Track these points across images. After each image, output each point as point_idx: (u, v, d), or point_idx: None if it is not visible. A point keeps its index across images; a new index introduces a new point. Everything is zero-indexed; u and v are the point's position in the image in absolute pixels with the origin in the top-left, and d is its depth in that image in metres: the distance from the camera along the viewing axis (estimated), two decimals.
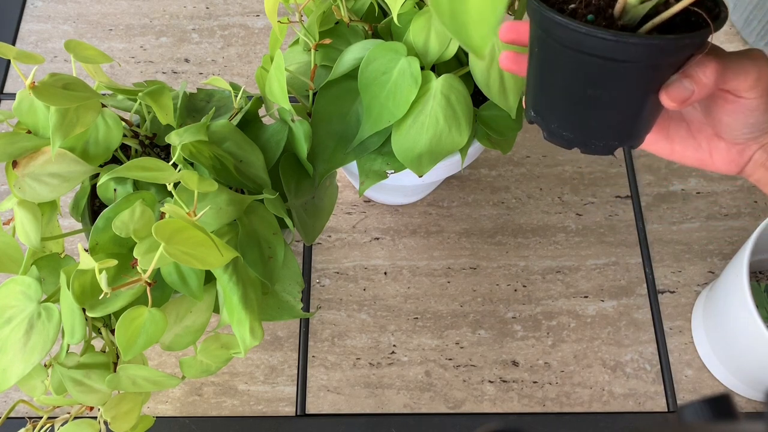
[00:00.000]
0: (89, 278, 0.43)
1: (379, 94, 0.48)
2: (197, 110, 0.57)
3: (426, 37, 0.48)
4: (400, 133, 0.49)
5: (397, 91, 0.48)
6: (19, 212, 0.45)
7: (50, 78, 0.44)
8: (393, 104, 0.48)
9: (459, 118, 0.48)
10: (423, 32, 0.48)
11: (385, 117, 0.48)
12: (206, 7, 0.87)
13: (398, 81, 0.48)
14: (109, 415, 0.48)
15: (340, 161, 0.51)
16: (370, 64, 0.48)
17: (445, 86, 0.48)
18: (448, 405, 0.65)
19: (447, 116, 0.48)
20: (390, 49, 0.48)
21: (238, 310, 0.46)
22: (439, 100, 0.48)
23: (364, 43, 0.50)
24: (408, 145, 0.49)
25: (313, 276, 0.71)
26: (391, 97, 0.48)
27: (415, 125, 0.48)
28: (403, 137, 0.49)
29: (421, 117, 0.48)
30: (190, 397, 0.65)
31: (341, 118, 0.51)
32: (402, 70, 0.48)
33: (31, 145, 0.45)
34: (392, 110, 0.48)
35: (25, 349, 0.43)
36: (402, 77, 0.48)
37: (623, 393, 0.65)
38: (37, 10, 0.86)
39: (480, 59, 0.39)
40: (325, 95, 0.51)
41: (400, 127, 0.48)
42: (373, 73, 0.48)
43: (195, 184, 0.44)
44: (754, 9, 0.79)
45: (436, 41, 0.48)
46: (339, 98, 0.51)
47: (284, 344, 0.68)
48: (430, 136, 0.48)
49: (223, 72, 0.82)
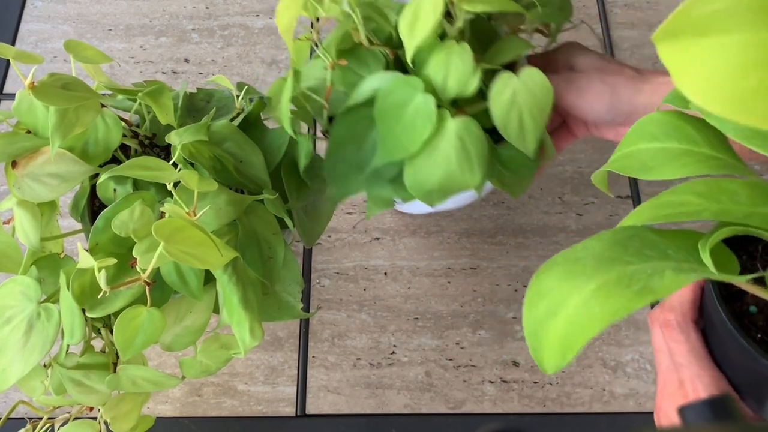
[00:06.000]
0: (89, 278, 0.43)
1: (394, 126, 0.47)
2: (197, 110, 0.57)
3: (445, 74, 0.47)
4: (412, 166, 0.48)
5: (412, 126, 0.47)
6: (18, 212, 0.45)
7: (50, 78, 0.44)
8: (407, 139, 0.47)
9: (472, 160, 0.47)
10: (442, 69, 0.47)
11: (399, 150, 0.47)
12: (206, 7, 0.87)
13: (413, 117, 0.47)
14: (109, 416, 0.48)
15: (355, 188, 0.50)
16: (387, 96, 0.47)
17: (460, 128, 0.46)
18: (448, 405, 0.65)
19: (460, 158, 0.47)
20: (407, 84, 0.47)
21: (237, 310, 0.46)
22: (453, 141, 0.46)
23: (382, 74, 0.49)
24: (419, 180, 0.48)
25: (313, 276, 0.71)
26: (406, 132, 0.47)
27: (427, 162, 0.47)
28: (414, 171, 0.48)
29: (434, 155, 0.47)
30: (190, 398, 0.65)
31: (358, 144, 0.50)
32: (418, 106, 0.47)
33: (31, 145, 0.45)
34: (406, 145, 0.47)
35: (24, 349, 0.43)
36: (417, 114, 0.47)
37: (624, 393, 0.65)
38: (36, 11, 0.86)
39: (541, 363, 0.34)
40: (342, 121, 0.50)
41: (413, 161, 0.48)
42: (390, 105, 0.47)
43: (195, 184, 0.44)
44: None
45: (456, 80, 0.47)
46: (356, 125, 0.50)
47: (284, 344, 0.68)
48: (441, 174, 0.47)
49: (223, 72, 0.82)
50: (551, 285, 0.30)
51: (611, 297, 0.28)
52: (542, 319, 0.30)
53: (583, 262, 0.30)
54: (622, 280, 0.29)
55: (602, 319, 0.27)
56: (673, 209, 0.32)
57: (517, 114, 0.47)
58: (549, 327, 0.29)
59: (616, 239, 0.31)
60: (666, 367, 0.41)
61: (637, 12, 0.86)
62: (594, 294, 0.28)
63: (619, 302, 0.28)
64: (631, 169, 0.38)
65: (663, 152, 0.37)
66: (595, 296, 0.28)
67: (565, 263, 0.31)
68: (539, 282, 0.31)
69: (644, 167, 0.37)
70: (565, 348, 0.28)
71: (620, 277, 0.29)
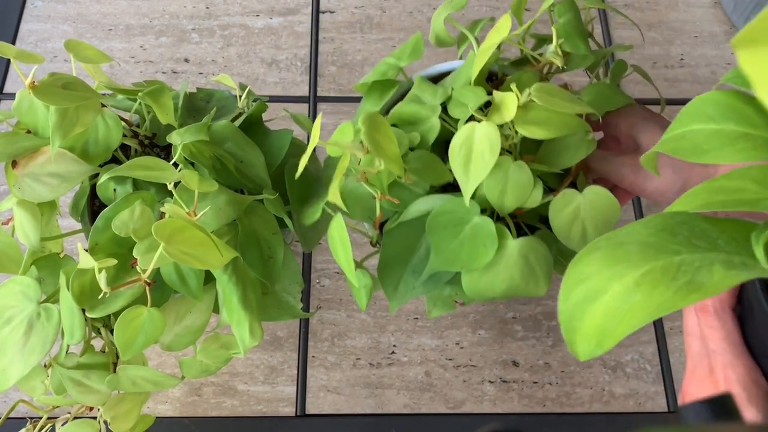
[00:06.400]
0: (89, 278, 0.43)
1: (449, 241, 0.45)
2: (197, 110, 0.57)
3: (501, 191, 0.45)
4: (471, 277, 0.46)
5: (470, 246, 0.45)
6: (18, 212, 0.45)
7: (50, 78, 0.44)
8: (466, 256, 0.45)
9: (537, 275, 0.46)
10: (498, 187, 0.45)
11: (456, 264, 0.45)
12: (206, 7, 0.87)
13: (472, 238, 0.45)
14: (109, 415, 0.48)
15: (413, 293, 0.48)
16: (439, 216, 0.45)
17: (524, 247, 0.45)
18: (448, 405, 0.65)
19: (524, 274, 0.45)
20: (461, 205, 0.45)
21: (237, 310, 0.46)
22: (516, 260, 0.45)
23: (432, 197, 0.46)
24: (480, 289, 0.46)
25: (313, 276, 0.71)
26: (465, 249, 0.45)
27: (487, 275, 0.45)
28: (475, 282, 0.46)
29: (496, 271, 0.45)
30: (189, 397, 0.65)
31: (411, 250, 0.48)
32: (476, 228, 0.45)
33: (31, 144, 0.45)
34: (465, 261, 0.45)
35: (24, 349, 0.43)
36: (476, 235, 0.45)
37: (623, 393, 0.65)
38: (36, 10, 0.86)
39: None
40: (392, 234, 0.48)
41: (472, 273, 0.46)
42: (443, 223, 0.45)
43: (195, 184, 0.44)
44: (754, 9, 0.79)
45: (514, 198, 0.45)
46: (407, 234, 0.48)
47: (284, 344, 0.68)
48: (504, 288, 0.46)
49: (223, 72, 0.82)
50: (591, 270, 0.29)
51: (655, 288, 0.26)
52: (579, 303, 0.28)
53: (626, 248, 0.29)
54: (668, 271, 0.27)
55: (644, 312, 0.26)
56: (728, 195, 0.30)
57: (581, 226, 0.45)
58: (586, 313, 0.28)
59: (664, 225, 0.29)
60: (697, 352, 0.39)
61: (637, 12, 0.87)
62: (637, 283, 0.27)
63: (664, 295, 0.26)
64: (683, 151, 0.35)
65: (719, 134, 0.34)
66: (638, 286, 0.27)
67: (608, 247, 0.29)
68: (579, 265, 0.29)
69: (697, 149, 0.34)
70: (602, 337, 0.27)
71: (666, 268, 0.27)
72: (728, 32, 0.85)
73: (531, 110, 0.43)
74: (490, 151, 0.42)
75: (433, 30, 0.55)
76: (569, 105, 0.43)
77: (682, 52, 0.83)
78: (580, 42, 0.48)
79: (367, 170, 0.43)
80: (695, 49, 0.84)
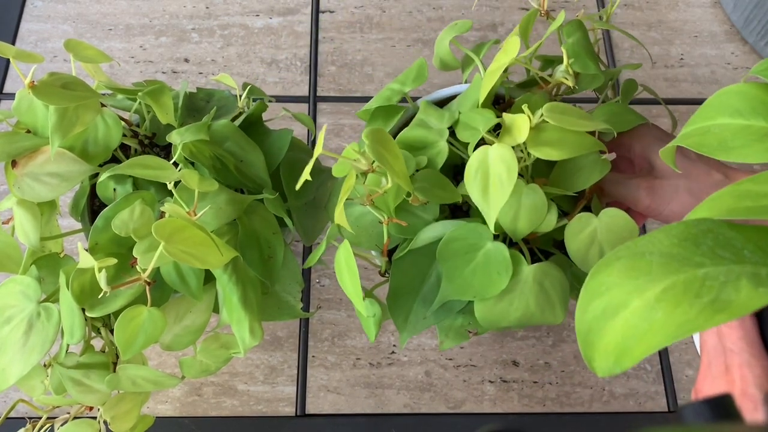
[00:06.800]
0: (89, 278, 0.43)
1: (461, 268, 0.44)
2: (197, 110, 0.57)
3: (514, 216, 0.43)
4: (485, 306, 0.44)
5: (483, 273, 0.43)
6: (18, 212, 0.45)
7: (50, 77, 0.44)
8: (479, 284, 0.43)
9: (553, 302, 0.44)
10: (511, 211, 0.43)
11: (469, 292, 0.44)
12: (206, 7, 0.87)
13: (485, 264, 0.43)
14: (109, 415, 0.48)
15: (424, 323, 0.47)
16: (450, 243, 0.44)
17: (538, 274, 0.43)
18: (448, 405, 0.65)
19: (539, 302, 0.44)
20: (473, 231, 0.44)
21: (237, 309, 0.46)
22: (531, 286, 0.43)
23: (442, 223, 0.45)
24: (494, 319, 0.45)
25: (312, 276, 0.71)
26: (477, 276, 0.43)
27: (502, 303, 0.44)
28: (488, 311, 0.44)
29: (510, 297, 0.44)
30: (189, 397, 0.65)
31: (421, 279, 0.47)
32: (488, 255, 0.43)
33: (31, 144, 0.45)
34: (478, 289, 0.43)
35: (24, 348, 0.43)
36: (489, 262, 0.43)
37: (623, 393, 0.65)
38: (36, 10, 0.86)
39: None
40: (401, 262, 0.47)
41: (485, 301, 0.44)
42: (455, 251, 0.44)
43: (195, 184, 0.44)
44: (754, 9, 0.79)
45: (527, 221, 0.43)
46: (417, 262, 0.47)
47: (284, 344, 0.68)
48: (518, 316, 0.44)
49: (223, 72, 0.82)
50: (611, 282, 0.27)
51: (678, 306, 0.25)
52: (598, 318, 0.27)
53: (648, 259, 0.27)
54: (692, 287, 0.25)
55: (666, 332, 0.24)
56: (754, 201, 0.28)
57: (598, 250, 0.44)
58: (605, 329, 0.26)
59: (688, 234, 0.28)
60: (713, 347, 0.39)
61: (637, 12, 0.87)
62: (658, 299, 0.25)
63: (688, 314, 0.24)
64: (707, 146, 0.33)
65: (747, 131, 0.32)
66: (660, 302, 0.25)
67: (629, 257, 0.27)
68: (598, 276, 0.28)
69: (723, 146, 0.32)
70: (621, 355, 0.26)
71: (689, 282, 0.25)
72: (728, 32, 0.85)
73: (543, 131, 0.42)
74: (507, 174, 0.40)
75: (437, 54, 0.54)
76: (583, 123, 0.42)
77: (682, 51, 0.83)
78: (590, 62, 0.47)
79: (372, 190, 0.42)
80: (695, 49, 0.84)
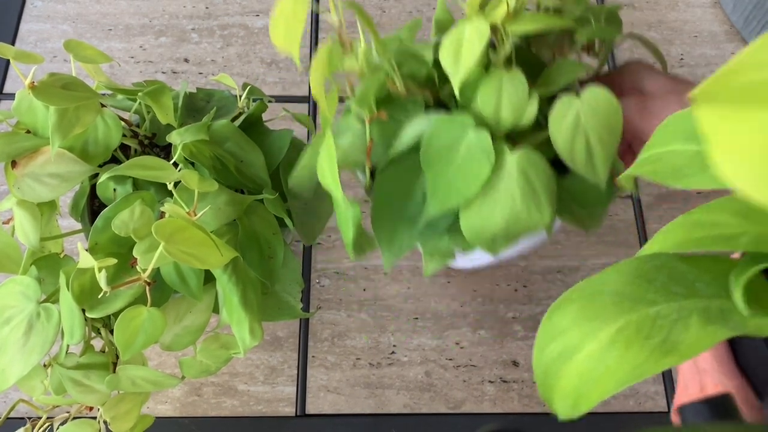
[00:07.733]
0: (88, 278, 0.43)
1: (445, 171, 0.42)
2: (197, 110, 0.57)
3: (497, 104, 0.42)
4: (469, 211, 0.43)
5: (466, 168, 0.42)
6: (18, 212, 0.45)
7: (49, 78, 0.44)
8: (462, 183, 0.42)
9: (539, 196, 0.42)
10: (493, 99, 0.42)
11: (453, 197, 0.42)
12: (206, 7, 0.87)
13: (467, 157, 0.42)
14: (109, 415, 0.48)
15: (408, 244, 0.45)
16: (433, 139, 0.43)
17: (522, 161, 0.41)
18: (448, 405, 0.65)
19: (525, 195, 0.42)
20: (455, 122, 0.42)
21: (237, 310, 0.46)
22: (516, 177, 0.41)
23: (424, 117, 0.44)
24: (479, 225, 0.43)
25: (312, 276, 0.71)
26: (460, 175, 0.42)
27: (486, 203, 0.42)
28: (472, 216, 0.43)
29: (494, 195, 0.42)
30: (189, 397, 0.65)
31: (405, 196, 0.45)
32: (470, 145, 0.42)
33: (31, 145, 0.45)
34: (461, 189, 0.42)
35: (24, 349, 0.43)
36: (471, 153, 0.42)
37: (623, 393, 0.65)
38: (36, 10, 0.86)
39: None
40: (386, 175, 0.45)
41: (470, 205, 0.43)
42: (438, 149, 0.42)
43: (195, 184, 0.44)
44: (753, 9, 0.79)
45: (510, 110, 0.42)
46: (401, 176, 0.45)
47: (284, 344, 0.68)
48: (505, 216, 0.42)
49: (223, 72, 0.82)
50: (565, 325, 0.27)
51: (629, 349, 0.24)
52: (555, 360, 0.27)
53: (601, 299, 0.27)
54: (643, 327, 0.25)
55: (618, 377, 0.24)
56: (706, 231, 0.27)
57: (584, 139, 0.42)
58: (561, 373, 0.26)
59: (641, 271, 0.27)
60: (688, 369, 0.38)
61: (637, 12, 0.87)
62: (612, 341, 0.25)
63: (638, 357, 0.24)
64: (662, 174, 0.32)
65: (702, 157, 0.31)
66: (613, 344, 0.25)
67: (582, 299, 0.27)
68: (552, 320, 0.28)
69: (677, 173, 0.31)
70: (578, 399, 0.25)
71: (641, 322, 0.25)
72: (728, 32, 0.85)
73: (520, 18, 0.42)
74: (479, 39, 0.39)
75: None
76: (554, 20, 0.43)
77: (681, 51, 0.83)
78: None
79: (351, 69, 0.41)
80: (695, 49, 0.84)
